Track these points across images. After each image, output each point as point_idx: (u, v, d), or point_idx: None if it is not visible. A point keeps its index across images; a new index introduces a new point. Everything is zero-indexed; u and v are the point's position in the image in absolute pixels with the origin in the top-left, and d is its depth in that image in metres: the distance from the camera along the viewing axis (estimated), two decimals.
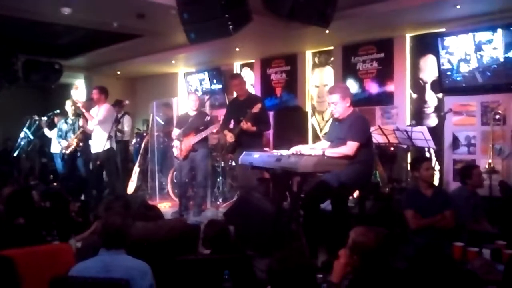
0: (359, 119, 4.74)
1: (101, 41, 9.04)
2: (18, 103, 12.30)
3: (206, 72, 10.75)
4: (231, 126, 6.78)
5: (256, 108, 6.19)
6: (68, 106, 8.23)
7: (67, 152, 8.01)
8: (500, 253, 3.80)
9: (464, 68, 6.73)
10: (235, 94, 7.07)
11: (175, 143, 7.02)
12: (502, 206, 5.53)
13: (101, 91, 7.57)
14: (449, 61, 6.87)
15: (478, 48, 6.53)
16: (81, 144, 7.98)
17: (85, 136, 7.97)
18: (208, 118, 7.03)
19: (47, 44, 9.23)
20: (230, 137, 6.60)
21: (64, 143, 8.04)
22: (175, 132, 7.09)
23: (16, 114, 10.31)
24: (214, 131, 6.98)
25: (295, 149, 4.73)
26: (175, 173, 8.12)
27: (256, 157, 5.00)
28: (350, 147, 4.52)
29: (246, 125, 6.31)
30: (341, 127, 4.77)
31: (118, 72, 11.95)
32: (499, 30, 6.29)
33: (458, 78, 6.83)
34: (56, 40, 9.06)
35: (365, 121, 4.86)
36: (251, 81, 10.06)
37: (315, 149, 4.79)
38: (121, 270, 2.82)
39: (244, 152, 5.37)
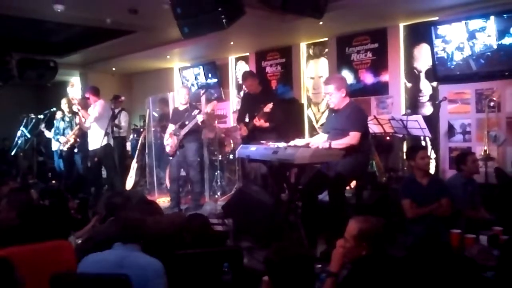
0: (356, 109, 4.80)
1: (96, 38, 9.02)
2: (13, 102, 12.29)
3: (201, 67, 10.75)
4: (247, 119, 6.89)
5: (268, 108, 6.28)
6: (64, 104, 8.25)
7: (65, 148, 8.03)
8: (497, 239, 3.83)
9: (458, 56, 6.74)
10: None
11: (167, 140, 7.03)
12: (498, 192, 5.56)
13: (92, 90, 7.65)
14: (443, 50, 6.88)
15: (472, 36, 6.54)
16: (78, 140, 8.01)
17: (83, 133, 7.99)
18: (196, 112, 6.80)
19: (41, 41, 9.21)
20: (244, 131, 6.74)
21: (63, 139, 8.07)
22: (170, 128, 7.08)
23: (12, 113, 10.31)
24: (199, 122, 6.74)
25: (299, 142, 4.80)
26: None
27: (253, 150, 5.02)
28: (353, 137, 4.59)
29: (259, 122, 6.43)
30: (337, 118, 4.82)
31: (114, 69, 11.94)
32: (492, 18, 6.30)
33: (452, 66, 6.84)
34: (50, 37, 9.05)
35: (362, 111, 4.94)
36: None
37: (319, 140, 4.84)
38: (135, 267, 2.81)
39: (241, 145, 5.40)
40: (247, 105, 6.95)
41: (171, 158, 7.14)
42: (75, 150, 8.18)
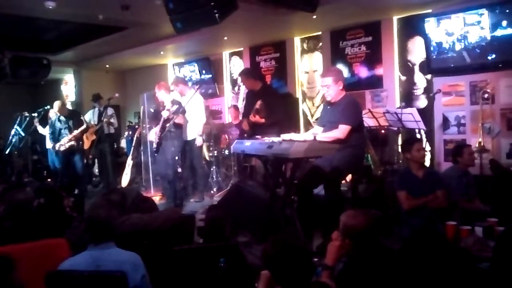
0: (351, 103, 4.77)
1: (89, 34, 8.98)
2: (7, 100, 12.22)
3: (195, 63, 10.72)
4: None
5: (257, 105, 6.34)
6: (61, 106, 8.07)
7: (62, 149, 7.97)
8: (492, 230, 3.84)
9: (452, 49, 6.74)
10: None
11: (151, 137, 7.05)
12: (493, 184, 5.58)
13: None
14: (436, 42, 6.89)
15: (465, 28, 6.53)
16: (77, 143, 7.95)
17: (81, 135, 7.95)
18: (175, 107, 6.76)
19: (34, 39, 9.16)
20: (245, 125, 6.82)
21: (65, 140, 7.91)
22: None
23: (5, 112, 10.27)
24: (165, 117, 6.79)
25: (285, 136, 4.76)
26: None
27: (248, 145, 5.01)
28: (341, 131, 4.55)
29: (254, 118, 6.47)
30: (332, 111, 4.80)
31: (107, 66, 11.89)
32: (486, 10, 6.30)
33: (446, 59, 6.84)
34: (43, 35, 9.00)
35: (358, 105, 4.91)
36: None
37: (307, 134, 4.83)
38: (111, 264, 2.76)
39: (236, 140, 5.39)
40: (249, 101, 7.02)
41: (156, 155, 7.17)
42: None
